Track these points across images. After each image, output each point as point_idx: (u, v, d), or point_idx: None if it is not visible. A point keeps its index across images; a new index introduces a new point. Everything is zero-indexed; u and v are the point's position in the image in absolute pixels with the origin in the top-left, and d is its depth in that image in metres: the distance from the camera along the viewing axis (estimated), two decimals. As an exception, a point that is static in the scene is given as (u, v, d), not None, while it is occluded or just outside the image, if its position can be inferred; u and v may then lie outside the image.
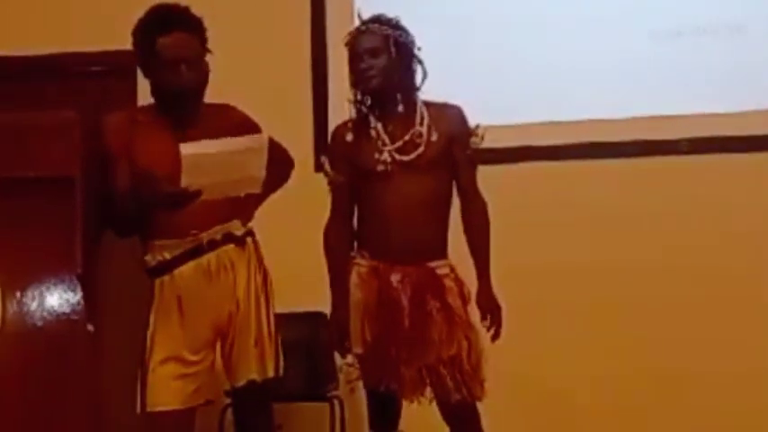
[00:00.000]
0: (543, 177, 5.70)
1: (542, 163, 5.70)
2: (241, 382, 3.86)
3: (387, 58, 4.05)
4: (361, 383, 4.17)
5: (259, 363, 3.85)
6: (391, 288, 4.04)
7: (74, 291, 3.00)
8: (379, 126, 4.09)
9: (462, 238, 4.20)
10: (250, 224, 4.01)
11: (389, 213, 4.03)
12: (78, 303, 3.00)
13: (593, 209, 5.66)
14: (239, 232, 3.91)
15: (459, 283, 4.12)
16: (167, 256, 3.79)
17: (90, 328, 2.98)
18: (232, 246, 3.87)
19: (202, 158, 3.55)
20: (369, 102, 4.11)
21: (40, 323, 3.00)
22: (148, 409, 3.70)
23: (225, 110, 3.99)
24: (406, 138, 4.07)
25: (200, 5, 4.04)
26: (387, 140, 4.07)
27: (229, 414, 5.19)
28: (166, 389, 3.73)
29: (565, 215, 5.63)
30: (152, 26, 3.80)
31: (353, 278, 4.07)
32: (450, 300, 4.06)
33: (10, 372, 3.00)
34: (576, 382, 5.55)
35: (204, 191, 3.61)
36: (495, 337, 4.12)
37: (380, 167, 4.03)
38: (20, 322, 3.00)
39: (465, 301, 4.10)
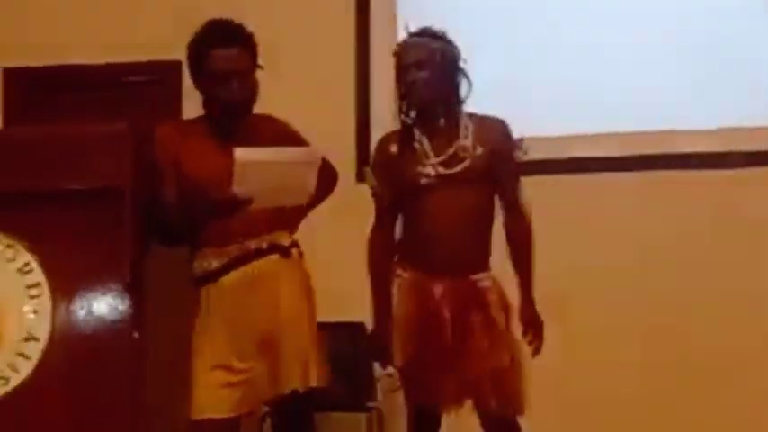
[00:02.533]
0: (586, 189, 5.71)
1: (587, 175, 5.72)
2: (285, 392, 3.87)
3: (432, 71, 4.05)
4: (401, 395, 4.19)
5: (302, 372, 3.86)
6: (433, 301, 4.05)
7: (121, 299, 3.03)
8: (424, 139, 4.10)
9: (505, 252, 4.21)
10: (294, 235, 4.04)
11: (432, 226, 4.04)
12: (125, 311, 3.03)
13: (637, 222, 5.68)
14: (285, 243, 3.94)
15: (502, 296, 4.12)
16: (214, 264, 3.83)
17: (136, 335, 3.01)
18: (277, 256, 3.90)
19: (255, 165, 3.60)
20: (413, 114, 4.12)
21: (88, 330, 3.04)
22: (195, 417, 3.71)
23: (270, 121, 4.03)
24: (450, 151, 4.08)
25: (247, 18, 4.09)
26: (431, 153, 4.08)
27: (268, 423, 5.25)
28: (213, 396, 3.75)
29: (609, 227, 5.64)
30: (206, 40, 3.88)
31: (396, 290, 4.09)
32: (492, 313, 4.06)
33: (58, 375, 3.04)
34: (616, 396, 5.55)
35: (254, 199, 3.65)
36: (537, 351, 4.11)
37: (424, 180, 4.04)
38: (69, 328, 3.04)
39: (507, 314, 4.11)
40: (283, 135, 3.96)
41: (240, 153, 3.58)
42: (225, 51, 3.83)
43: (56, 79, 6.14)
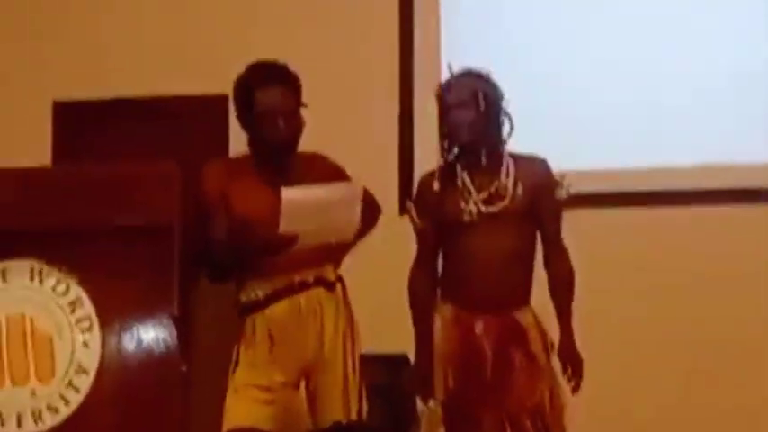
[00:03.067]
0: (622, 224, 5.72)
1: (623, 209, 5.74)
2: (325, 424, 3.91)
3: (475, 111, 4.08)
4: (442, 429, 4.22)
5: (344, 405, 3.91)
6: (474, 336, 4.08)
7: (169, 332, 3.09)
8: (466, 177, 4.14)
9: (544, 288, 4.24)
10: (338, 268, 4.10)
11: (474, 263, 4.08)
12: (173, 344, 3.09)
13: (675, 256, 5.68)
14: (331, 277, 4.01)
15: (543, 332, 4.15)
16: (260, 294, 3.88)
17: (183, 368, 3.06)
18: (322, 289, 3.97)
19: (302, 204, 3.67)
20: (456, 152, 4.17)
21: (136, 362, 3.10)
22: (225, 428, 3.69)
23: (316, 159, 4.10)
24: (492, 189, 4.10)
25: (293, 57, 4.16)
26: (473, 191, 4.11)
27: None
28: (248, 408, 3.76)
29: (647, 263, 5.65)
30: (252, 80, 3.96)
31: (437, 325, 4.12)
32: (533, 349, 4.09)
33: (107, 407, 3.10)
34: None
35: (300, 237, 3.71)
36: (576, 389, 4.12)
37: (466, 218, 4.07)
38: (117, 361, 3.10)
39: (548, 350, 4.12)
40: (328, 172, 4.03)
41: (287, 193, 3.65)
42: (270, 91, 3.91)
43: (104, 112, 6.20)
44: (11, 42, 6.37)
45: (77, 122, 6.25)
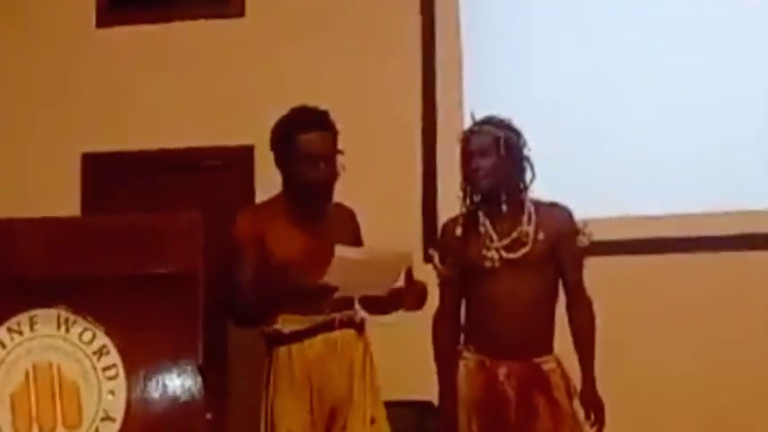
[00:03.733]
0: (643, 270, 5.73)
1: (644, 257, 5.75)
2: None
3: (496, 158, 4.13)
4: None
5: None
6: (498, 383, 4.09)
7: (194, 380, 3.12)
8: (488, 223, 4.17)
9: (567, 335, 4.26)
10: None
11: (496, 309, 4.11)
12: (198, 392, 3.12)
13: (698, 302, 5.68)
14: (358, 319, 4.12)
15: (566, 378, 4.17)
16: (299, 326, 3.98)
17: (209, 416, 3.10)
18: (353, 330, 4.07)
19: (351, 263, 3.78)
20: (477, 199, 4.21)
21: (161, 410, 3.13)
22: None
23: (341, 207, 4.22)
24: (514, 235, 4.14)
25: (315, 104, 4.20)
26: (495, 237, 4.15)
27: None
28: None
29: (668, 310, 5.65)
30: (295, 124, 4.09)
31: (461, 372, 4.14)
32: (556, 395, 4.10)
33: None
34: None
35: (341, 288, 3.81)
36: None
37: (488, 264, 4.11)
38: (143, 409, 3.13)
39: (571, 396, 4.14)
40: (350, 223, 4.16)
41: (340, 250, 3.74)
42: (312, 135, 4.04)
43: (132, 164, 6.27)
44: (40, 97, 6.45)
45: (105, 174, 6.31)
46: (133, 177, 6.21)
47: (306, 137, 4.02)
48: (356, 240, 4.06)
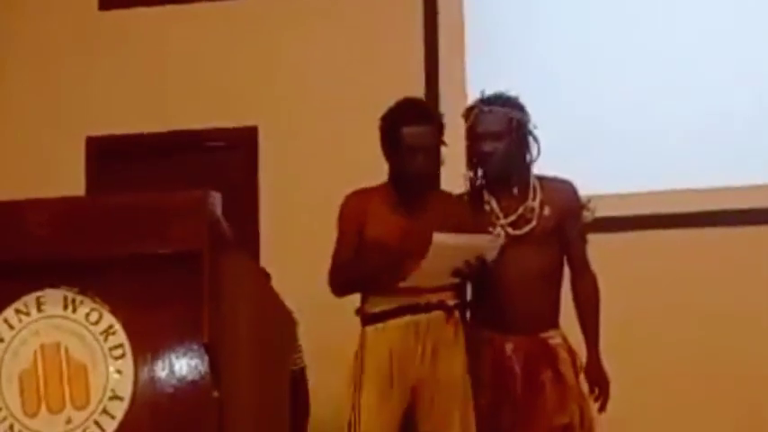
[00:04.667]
0: (647, 246, 5.74)
1: (649, 232, 5.75)
2: None
3: (508, 141, 4.16)
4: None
5: (464, 426, 4.06)
6: (505, 357, 4.13)
7: (201, 359, 3.12)
8: (493, 201, 4.20)
9: (572, 310, 4.27)
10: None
11: (503, 285, 4.12)
12: (205, 371, 3.12)
13: (701, 277, 5.68)
14: (451, 303, 4.15)
15: (572, 353, 4.19)
16: (385, 307, 4.11)
17: (216, 394, 3.10)
18: (443, 313, 4.13)
19: (448, 250, 3.89)
20: (483, 177, 4.22)
21: (169, 389, 3.12)
22: None
23: (452, 198, 4.29)
24: (519, 212, 4.17)
25: (317, 89, 4.20)
26: (500, 215, 4.17)
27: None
28: (377, 425, 4.05)
29: (672, 285, 5.65)
30: (399, 116, 4.18)
31: (468, 347, 4.14)
32: (562, 369, 4.13)
33: (142, 433, 3.13)
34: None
35: (432, 275, 3.96)
36: (602, 408, 4.17)
37: (494, 241, 4.12)
38: (151, 388, 3.13)
39: (577, 371, 4.17)
40: (461, 213, 4.18)
41: (438, 237, 3.87)
42: (415, 128, 4.13)
43: (136, 146, 6.28)
44: (45, 79, 6.47)
45: (110, 157, 6.33)
46: (137, 160, 6.23)
47: (408, 130, 4.12)
48: (459, 226, 4.07)
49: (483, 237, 4.04)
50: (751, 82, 5.80)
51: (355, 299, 4.24)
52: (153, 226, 3.09)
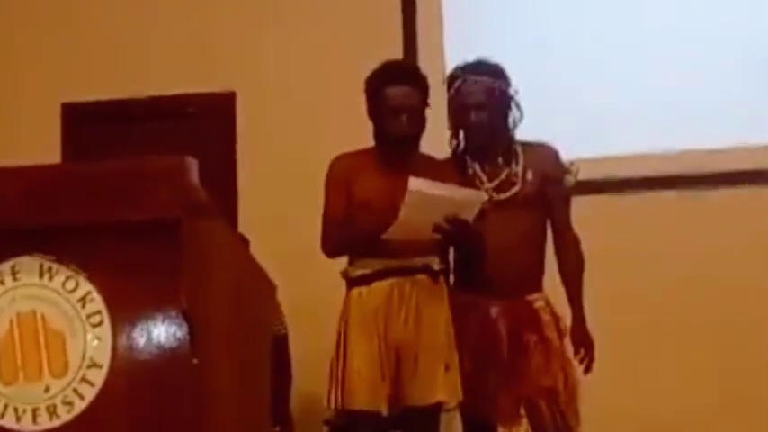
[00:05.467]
0: (629, 209, 5.73)
1: (631, 195, 5.75)
2: (424, 402, 4.06)
3: (493, 111, 4.16)
4: (457, 412, 4.24)
5: (448, 388, 4.05)
6: (490, 320, 4.13)
7: (179, 326, 3.09)
8: (476, 165, 4.19)
9: (557, 274, 4.27)
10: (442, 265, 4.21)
11: (487, 249, 4.10)
12: (183, 338, 3.09)
13: (684, 240, 5.68)
14: (436, 267, 4.14)
15: (555, 316, 4.20)
16: (370, 270, 4.11)
17: (195, 361, 3.07)
18: (427, 276, 4.12)
19: (425, 197, 3.85)
20: (467, 144, 4.23)
21: (148, 356, 3.09)
22: (352, 407, 4.05)
23: (440, 163, 4.26)
24: (503, 176, 4.17)
25: (296, 54, 4.15)
26: (484, 179, 4.17)
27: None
28: (369, 392, 4.03)
29: (655, 246, 5.65)
30: (383, 77, 4.18)
31: (453, 310, 4.12)
32: (546, 332, 4.14)
33: (121, 400, 3.10)
34: (669, 414, 5.55)
35: (413, 229, 3.91)
36: (587, 370, 4.18)
37: (477, 205, 4.10)
38: (130, 355, 3.10)
39: (561, 333, 4.18)
40: (445, 174, 4.12)
41: (414, 182, 3.85)
42: (398, 89, 4.12)
43: (112, 113, 6.24)
44: (19, 46, 6.40)
45: (86, 124, 6.28)
46: (114, 126, 6.19)
47: (390, 90, 4.12)
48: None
49: (461, 189, 4.00)
50: (733, 48, 5.79)
51: (338, 263, 4.21)
52: (129, 193, 3.04)
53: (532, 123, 4.24)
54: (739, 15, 5.85)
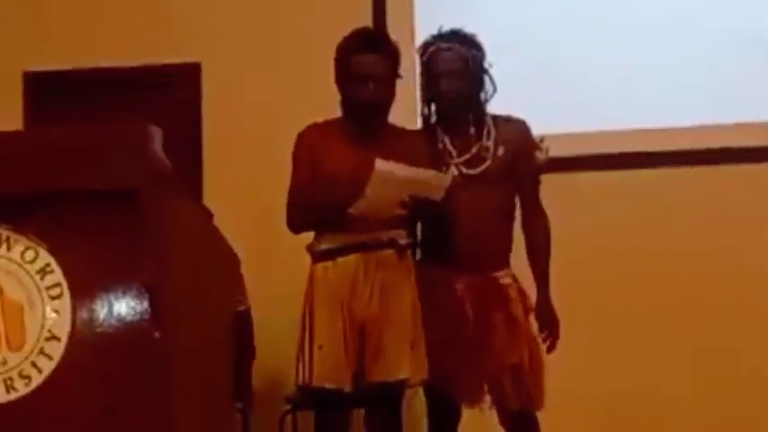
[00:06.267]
0: (598, 186, 5.71)
1: (600, 172, 5.72)
2: (389, 378, 4.02)
3: (464, 79, 4.12)
4: (421, 389, 4.22)
5: (413, 365, 4.02)
6: (456, 297, 4.10)
7: (141, 299, 3.05)
8: (447, 140, 4.15)
9: (523, 250, 4.24)
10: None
11: (455, 224, 4.08)
12: (145, 311, 3.04)
13: (653, 218, 5.67)
14: (402, 242, 4.09)
15: (522, 293, 4.18)
16: (335, 244, 4.06)
17: (157, 334, 3.03)
18: (393, 251, 4.08)
19: (391, 178, 3.84)
20: (438, 114, 4.18)
21: (109, 329, 3.05)
22: (315, 383, 4.00)
23: (410, 134, 4.22)
24: (473, 151, 4.13)
25: (264, 23, 4.07)
26: (454, 154, 4.13)
27: (288, 421, 5.26)
28: (327, 368, 4.00)
29: (619, 225, 5.64)
30: (350, 45, 4.13)
31: (418, 285, 4.09)
32: (513, 309, 4.12)
33: (80, 374, 3.06)
34: (632, 393, 5.55)
35: (379, 205, 3.90)
36: (551, 348, 4.17)
37: (447, 179, 4.07)
38: (90, 328, 3.05)
39: (527, 311, 4.16)
40: (417, 150, 4.10)
41: (380, 164, 3.83)
42: (366, 57, 4.07)
43: (76, 83, 6.15)
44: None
45: (48, 93, 6.19)
46: (77, 97, 6.09)
47: (358, 58, 4.08)
48: (413, 161, 4.00)
49: (428, 171, 3.96)
50: (709, 20, 5.75)
51: (305, 237, 4.17)
52: (89, 161, 2.99)
53: (503, 96, 4.21)
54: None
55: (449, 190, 3.98)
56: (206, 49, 6.10)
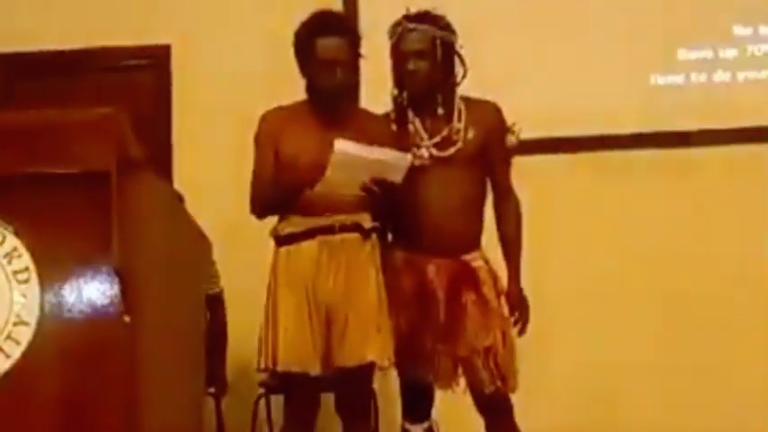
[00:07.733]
0: (570, 169, 5.72)
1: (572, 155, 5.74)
2: (354, 362, 4.00)
3: (433, 60, 4.09)
4: (394, 372, 4.21)
5: (379, 347, 4.00)
6: (427, 280, 4.09)
7: (111, 283, 3.01)
8: (417, 122, 4.14)
9: (495, 233, 4.23)
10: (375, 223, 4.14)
11: (426, 207, 4.07)
12: (115, 296, 3.01)
13: (627, 201, 5.69)
14: (367, 225, 4.07)
15: (494, 275, 4.17)
16: (298, 228, 4.04)
17: (127, 319, 3.00)
18: (358, 235, 4.05)
19: (351, 158, 3.83)
20: (407, 98, 4.15)
21: (77, 314, 3.02)
22: (281, 368, 3.99)
23: (374, 117, 4.20)
24: (444, 134, 4.11)
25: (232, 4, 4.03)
26: (425, 136, 4.12)
27: (262, 405, 5.25)
28: (298, 353, 3.97)
29: (598, 209, 5.66)
30: (313, 29, 4.08)
31: (389, 268, 4.10)
32: (485, 291, 4.11)
33: (49, 359, 3.02)
34: (607, 373, 5.57)
35: (340, 185, 3.89)
36: (522, 331, 4.17)
37: (418, 162, 4.05)
38: (58, 313, 3.02)
39: (499, 293, 4.15)
40: (382, 132, 4.08)
41: (339, 144, 3.81)
42: (330, 40, 4.03)
43: (44, 65, 6.11)
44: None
45: (18, 75, 6.15)
46: (46, 79, 6.06)
47: (323, 42, 4.04)
48: (378, 144, 3.98)
49: (388, 152, 3.94)
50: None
51: (273, 221, 4.15)
52: (57, 144, 2.96)
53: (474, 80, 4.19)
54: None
55: (416, 172, 3.98)
56: (176, 31, 6.07)
